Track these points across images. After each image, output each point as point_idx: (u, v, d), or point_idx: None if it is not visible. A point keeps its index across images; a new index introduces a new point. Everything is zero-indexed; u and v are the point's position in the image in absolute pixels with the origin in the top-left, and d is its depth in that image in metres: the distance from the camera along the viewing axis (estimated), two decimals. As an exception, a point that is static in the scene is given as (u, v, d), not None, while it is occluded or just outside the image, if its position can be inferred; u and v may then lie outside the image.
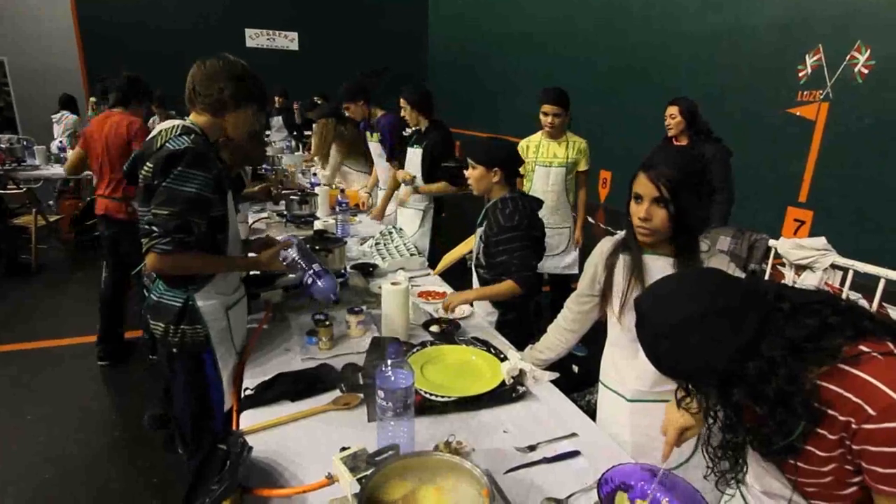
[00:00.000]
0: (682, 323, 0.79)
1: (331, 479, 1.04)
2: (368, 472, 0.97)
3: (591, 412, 2.35)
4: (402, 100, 3.30)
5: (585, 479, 1.17)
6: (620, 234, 1.44)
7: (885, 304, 2.45)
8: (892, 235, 4.33)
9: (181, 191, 1.42)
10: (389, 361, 1.13)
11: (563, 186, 3.12)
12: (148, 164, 1.46)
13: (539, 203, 2.10)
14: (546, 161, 3.09)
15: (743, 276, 1.14)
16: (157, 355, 1.77)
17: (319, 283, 1.73)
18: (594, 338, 1.62)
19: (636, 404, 1.41)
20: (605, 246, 1.46)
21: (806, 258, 2.48)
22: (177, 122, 1.53)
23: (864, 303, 2.41)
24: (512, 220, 1.97)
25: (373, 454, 0.97)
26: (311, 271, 1.74)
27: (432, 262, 3.15)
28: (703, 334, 0.77)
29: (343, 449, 1.09)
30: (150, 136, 1.55)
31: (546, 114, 2.97)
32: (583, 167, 3.14)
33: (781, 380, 0.74)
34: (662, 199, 1.24)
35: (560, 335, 1.62)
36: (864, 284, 2.57)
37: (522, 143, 3.15)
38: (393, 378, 1.12)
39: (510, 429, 1.35)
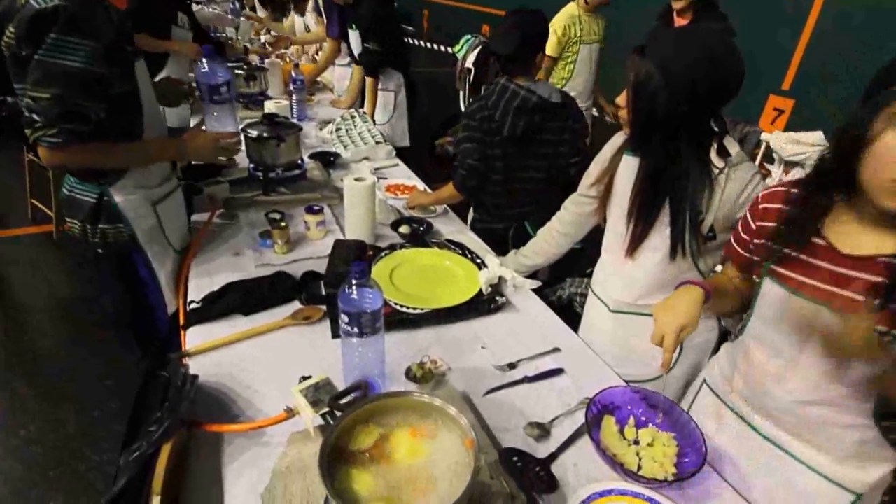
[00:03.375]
0: None
1: (290, 413, 0.91)
2: (331, 411, 0.84)
3: (561, 307, 2.30)
4: None
5: (569, 400, 1.09)
6: None
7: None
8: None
9: (60, 65, 1.10)
10: (354, 281, 0.96)
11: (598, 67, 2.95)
12: (11, 27, 1.11)
13: (543, 97, 1.67)
14: (589, 38, 2.87)
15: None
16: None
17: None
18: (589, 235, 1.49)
19: (618, 315, 1.33)
20: (617, 140, 1.27)
21: (799, 154, 2.35)
22: None
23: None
24: (472, 106, 1.73)
25: (336, 396, 0.84)
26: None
27: (414, 150, 2.90)
28: None
29: (303, 379, 0.96)
30: None
31: None
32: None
33: None
34: (633, 87, 1.07)
35: (552, 239, 1.48)
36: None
37: (563, 21, 2.82)
38: (358, 299, 0.96)
39: (488, 344, 1.24)
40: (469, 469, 0.68)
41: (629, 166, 1.18)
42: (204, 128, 1.67)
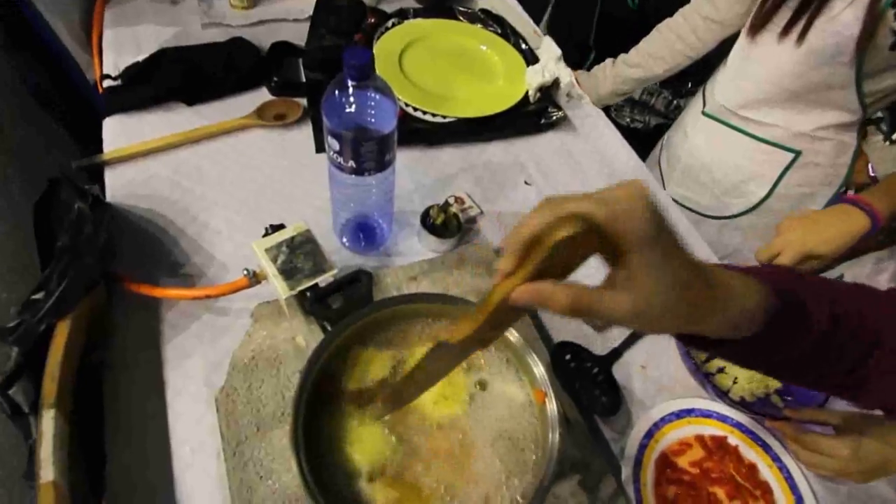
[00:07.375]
0: None
1: (253, 279, 0.62)
2: (315, 292, 0.54)
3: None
4: None
5: (639, 271, 0.80)
6: None
7: None
8: None
9: None
10: (350, 83, 0.55)
11: None
12: None
13: None
14: None
15: None
16: None
17: None
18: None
19: (707, 121, 1.01)
20: None
21: None
22: None
23: None
24: None
25: (322, 293, 0.52)
26: None
27: None
28: None
29: (271, 230, 0.63)
30: None
31: None
32: None
33: None
34: None
35: (688, 31, 1.00)
36: None
37: None
38: (354, 111, 0.57)
39: (534, 178, 0.90)
40: (545, 443, 0.41)
41: None
42: None
